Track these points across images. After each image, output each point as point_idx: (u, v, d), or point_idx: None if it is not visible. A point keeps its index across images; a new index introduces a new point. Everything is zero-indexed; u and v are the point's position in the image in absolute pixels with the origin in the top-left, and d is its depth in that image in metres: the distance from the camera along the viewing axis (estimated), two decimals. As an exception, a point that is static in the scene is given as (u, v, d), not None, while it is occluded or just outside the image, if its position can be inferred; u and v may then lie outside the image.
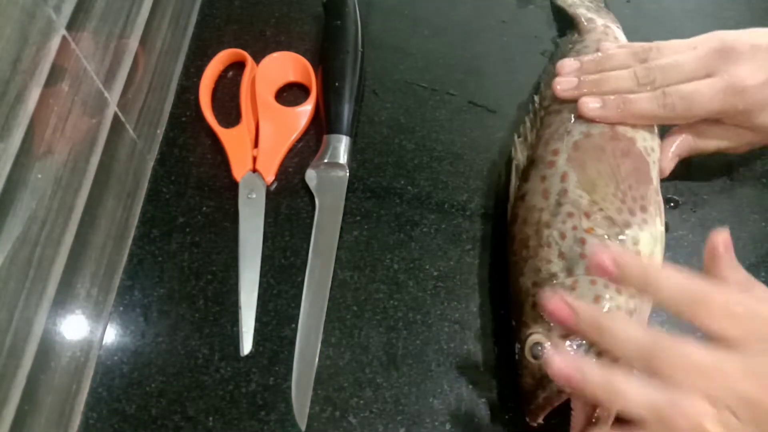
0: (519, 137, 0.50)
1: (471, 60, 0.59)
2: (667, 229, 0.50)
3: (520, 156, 0.48)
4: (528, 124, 0.50)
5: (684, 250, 0.40)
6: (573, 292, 0.40)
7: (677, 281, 0.34)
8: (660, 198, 0.45)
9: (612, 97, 0.46)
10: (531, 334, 0.41)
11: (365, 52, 0.56)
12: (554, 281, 0.41)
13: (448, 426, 0.43)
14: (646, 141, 0.47)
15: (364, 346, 0.45)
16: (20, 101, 0.34)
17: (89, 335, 0.43)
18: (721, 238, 0.37)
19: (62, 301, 0.40)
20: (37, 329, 0.37)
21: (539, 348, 0.40)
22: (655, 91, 0.46)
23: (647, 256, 0.42)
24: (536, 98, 0.52)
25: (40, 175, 0.37)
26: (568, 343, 0.39)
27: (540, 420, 0.40)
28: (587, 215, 0.42)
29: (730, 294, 0.34)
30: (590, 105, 0.46)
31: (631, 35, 0.55)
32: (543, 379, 0.39)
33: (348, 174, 0.51)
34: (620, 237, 0.42)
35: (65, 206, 0.40)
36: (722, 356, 0.32)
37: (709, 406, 0.31)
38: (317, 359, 0.44)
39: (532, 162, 0.47)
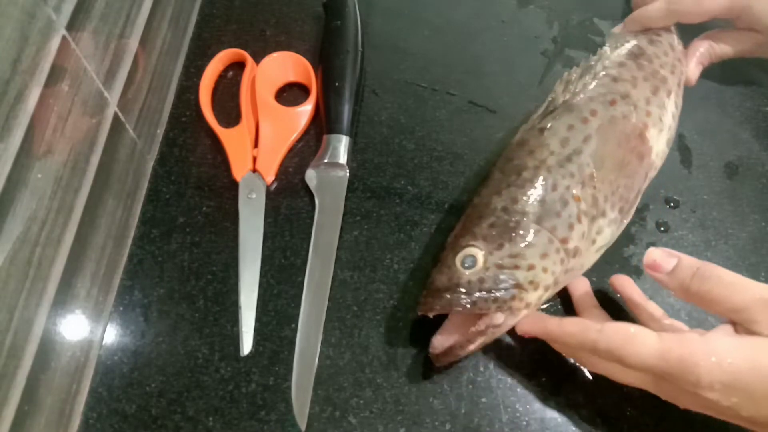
0: (570, 76, 0.50)
1: (471, 60, 0.59)
2: (666, 230, 0.51)
3: (560, 93, 0.49)
4: (580, 71, 0.50)
5: (684, 250, 0.40)
6: (532, 242, 0.42)
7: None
8: (632, 212, 0.46)
9: None
10: (473, 245, 0.42)
11: (365, 52, 0.56)
12: (522, 219, 0.42)
13: (448, 426, 0.43)
14: (658, 156, 0.48)
15: (364, 346, 0.45)
16: (20, 101, 0.34)
17: (89, 335, 0.43)
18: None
19: (62, 301, 0.40)
20: (37, 329, 0.37)
21: (472, 261, 0.41)
22: None
23: (599, 247, 0.44)
24: (601, 54, 0.51)
25: (40, 175, 0.37)
26: (499, 275, 0.41)
27: (429, 315, 0.42)
28: (583, 184, 0.43)
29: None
30: None
31: None
32: (455, 286, 0.41)
33: (348, 174, 0.51)
34: (594, 220, 0.43)
35: (65, 206, 0.40)
36: None
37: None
38: (317, 359, 0.44)
39: (568, 107, 0.47)
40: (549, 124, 0.46)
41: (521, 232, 0.42)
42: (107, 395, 0.43)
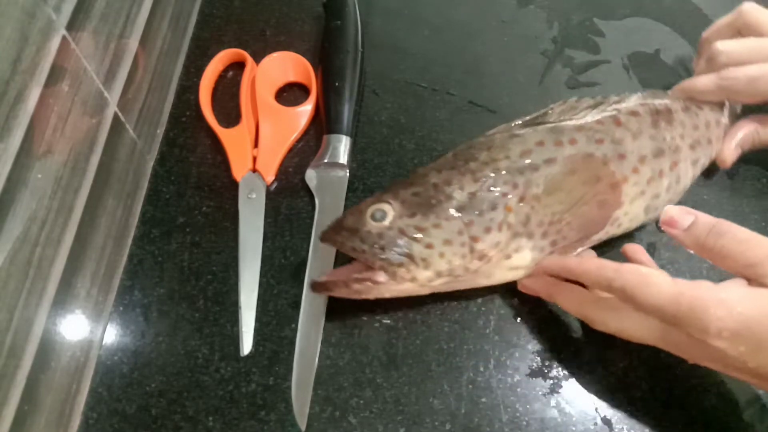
0: (578, 103, 0.49)
1: (471, 60, 0.59)
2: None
3: (557, 112, 0.48)
4: (592, 103, 0.48)
5: (684, 250, 0.40)
6: (442, 224, 0.42)
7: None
8: (576, 251, 0.45)
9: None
10: (389, 203, 0.43)
11: (365, 52, 0.56)
12: (449, 202, 0.42)
13: (448, 426, 0.43)
14: (627, 217, 0.46)
15: (364, 346, 0.45)
16: (20, 101, 0.34)
17: (89, 335, 0.43)
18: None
19: (62, 301, 0.40)
20: (37, 329, 0.37)
21: (381, 215, 0.42)
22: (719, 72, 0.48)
23: (514, 266, 0.44)
24: (623, 97, 0.49)
25: (40, 175, 0.37)
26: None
27: (328, 244, 0.43)
28: (522, 199, 0.43)
29: None
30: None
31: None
32: (356, 231, 0.42)
33: (348, 174, 0.51)
34: (517, 236, 0.43)
35: (65, 206, 0.40)
36: None
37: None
38: (317, 359, 0.44)
39: (553, 127, 0.46)
40: (522, 132, 0.45)
41: (438, 211, 0.42)
42: (107, 395, 0.43)
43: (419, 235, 0.41)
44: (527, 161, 0.44)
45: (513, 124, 0.48)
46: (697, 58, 0.52)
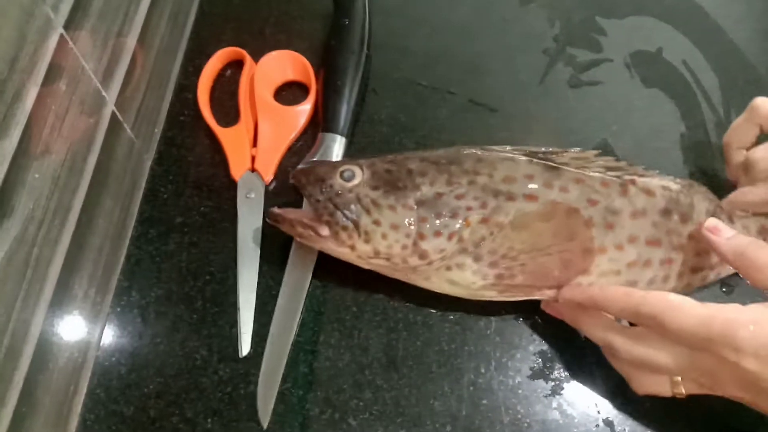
0: (593, 157, 0.45)
1: (472, 58, 0.58)
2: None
3: (567, 157, 0.44)
4: (612, 164, 0.45)
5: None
6: (398, 208, 0.42)
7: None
8: (513, 297, 0.44)
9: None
10: (361, 170, 0.43)
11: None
12: (414, 192, 0.42)
13: (448, 428, 0.42)
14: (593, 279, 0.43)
15: (364, 348, 0.45)
16: (18, 100, 0.34)
17: (87, 336, 0.43)
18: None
19: (59, 302, 0.39)
20: (35, 330, 0.37)
21: (349, 176, 0.43)
22: None
23: (451, 280, 0.43)
24: (655, 175, 0.46)
25: (37, 175, 0.36)
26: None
27: (294, 182, 0.44)
28: (485, 222, 0.42)
29: None
30: None
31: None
32: (321, 180, 0.43)
33: None
34: (463, 252, 0.42)
35: (62, 206, 0.39)
36: None
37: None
38: (286, 357, 0.44)
39: (553, 168, 0.44)
40: (519, 159, 0.44)
41: (398, 195, 0.42)
42: (105, 397, 0.43)
43: (372, 209, 0.42)
44: (506, 188, 0.42)
45: (521, 149, 0.45)
46: (727, 166, 0.50)
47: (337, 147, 0.51)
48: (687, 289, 0.45)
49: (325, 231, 0.42)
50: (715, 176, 0.53)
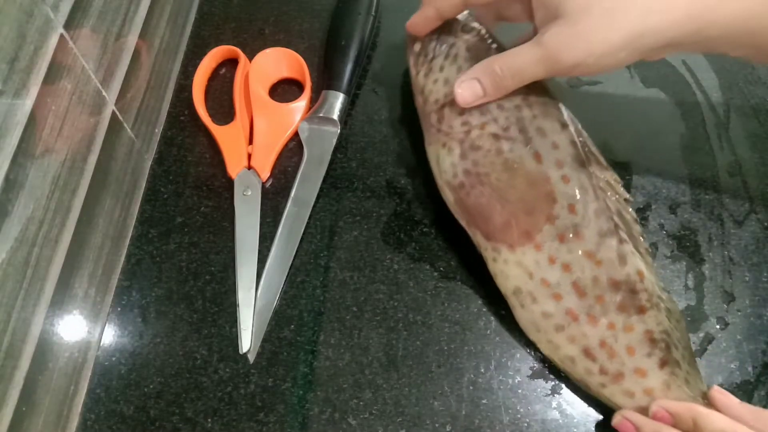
0: (618, 187, 0.44)
1: (471, 59, 0.58)
2: (668, 232, 0.50)
3: (597, 174, 0.43)
4: (616, 197, 0.44)
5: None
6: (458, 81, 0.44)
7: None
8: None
9: None
10: (478, 34, 0.47)
11: (381, 15, 0.58)
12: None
13: (448, 428, 0.42)
14: (506, 262, 0.43)
15: (364, 347, 0.45)
16: (18, 100, 0.34)
17: (87, 336, 0.43)
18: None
19: (60, 301, 0.39)
20: (35, 330, 0.37)
21: (469, 30, 0.48)
22: None
23: (436, 156, 0.46)
24: (631, 215, 0.44)
25: (37, 175, 0.36)
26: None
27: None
28: (495, 137, 0.44)
29: None
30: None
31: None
32: (447, 25, 0.48)
33: (339, 130, 0.52)
34: (460, 143, 0.45)
35: (63, 206, 0.39)
36: None
37: None
38: (276, 302, 0.46)
39: (583, 162, 0.43)
40: (567, 131, 0.43)
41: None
42: (105, 396, 0.43)
43: (450, 60, 0.47)
44: (533, 135, 0.43)
45: (579, 130, 0.44)
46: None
47: (338, 104, 0.53)
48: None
49: (417, 47, 0.49)
50: (715, 176, 0.53)
